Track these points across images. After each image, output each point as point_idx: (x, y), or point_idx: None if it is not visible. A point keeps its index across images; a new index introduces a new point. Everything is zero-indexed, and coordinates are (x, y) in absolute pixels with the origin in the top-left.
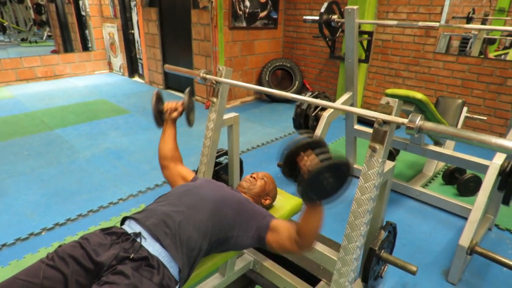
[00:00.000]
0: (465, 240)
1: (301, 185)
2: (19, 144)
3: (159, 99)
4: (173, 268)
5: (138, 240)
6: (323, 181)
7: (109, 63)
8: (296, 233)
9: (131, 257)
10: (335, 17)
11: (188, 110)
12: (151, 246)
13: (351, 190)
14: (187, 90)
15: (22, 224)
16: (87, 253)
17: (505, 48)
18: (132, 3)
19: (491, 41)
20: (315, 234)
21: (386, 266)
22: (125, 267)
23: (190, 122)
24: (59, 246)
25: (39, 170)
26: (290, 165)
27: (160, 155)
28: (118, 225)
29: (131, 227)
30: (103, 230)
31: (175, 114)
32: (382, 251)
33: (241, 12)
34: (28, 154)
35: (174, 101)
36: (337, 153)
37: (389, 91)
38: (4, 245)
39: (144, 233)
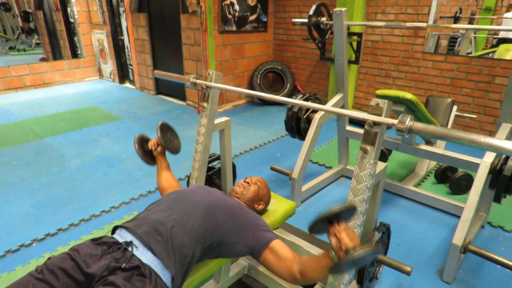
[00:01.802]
0: (458, 239)
1: (337, 265)
2: (8, 154)
3: (142, 143)
4: (165, 276)
5: (130, 249)
6: (356, 263)
7: (99, 70)
8: (299, 271)
9: (122, 266)
10: (324, 19)
11: (165, 144)
12: (143, 254)
13: (344, 191)
14: (158, 125)
15: (12, 235)
16: (77, 265)
17: (493, 46)
18: (121, 9)
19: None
20: (317, 280)
21: (381, 267)
22: (116, 277)
23: (173, 153)
24: (49, 259)
25: (28, 180)
26: (319, 229)
27: (160, 188)
28: (109, 234)
29: (122, 236)
30: (93, 240)
31: (159, 149)
32: None
33: (230, 16)
34: (17, 164)
35: (155, 138)
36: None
37: (379, 92)
38: None
39: (136, 242)
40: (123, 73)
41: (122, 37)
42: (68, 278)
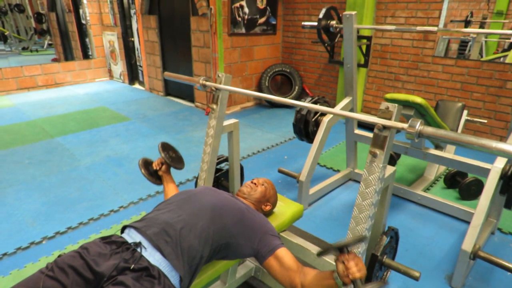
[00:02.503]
0: (468, 245)
1: None
2: (20, 152)
3: (146, 165)
4: (174, 278)
5: (138, 250)
6: None
7: (110, 71)
8: (301, 285)
9: (131, 267)
10: (333, 22)
11: (169, 163)
12: (151, 256)
13: (353, 195)
14: (159, 145)
15: (23, 233)
16: (87, 263)
17: (504, 50)
18: (132, 11)
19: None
20: None
21: (389, 272)
22: (125, 277)
23: (178, 169)
24: (59, 256)
25: (40, 178)
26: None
27: None
28: (118, 233)
29: (131, 236)
30: (102, 239)
31: (164, 168)
32: (385, 257)
33: (240, 19)
34: (29, 163)
35: (157, 159)
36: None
37: (388, 95)
38: (4, 254)
39: (145, 243)
40: (133, 74)
41: (132, 39)
42: (77, 276)
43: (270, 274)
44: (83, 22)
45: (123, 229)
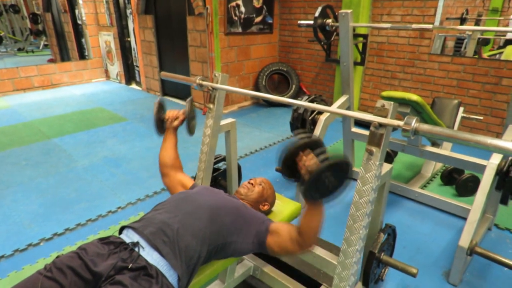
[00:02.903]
0: (464, 241)
1: (303, 185)
2: (17, 154)
3: (161, 108)
4: (172, 277)
5: (136, 249)
6: (324, 180)
7: (106, 71)
8: (298, 233)
9: (129, 267)
10: (329, 21)
11: (189, 119)
12: (149, 255)
13: (350, 193)
14: (189, 99)
15: (21, 234)
16: (85, 264)
17: (500, 47)
18: (128, 11)
19: (484, 42)
20: (317, 233)
21: (387, 269)
22: (123, 277)
23: (191, 131)
24: (57, 257)
25: (37, 179)
26: (289, 166)
27: (161, 163)
28: (116, 234)
29: (129, 237)
30: (101, 239)
31: (176, 122)
32: (382, 254)
33: (236, 18)
34: (26, 164)
35: (175, 109)
36: (335, 152)
37: (384, 93)
38: (2, 256)
39: (142, 242)
40: (130, 75)
41: (129, 39)
42: (76, 277)
43: (277, 253)
44: (79, 22)
45: (121, 230)
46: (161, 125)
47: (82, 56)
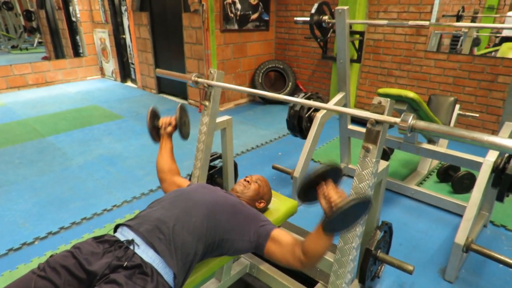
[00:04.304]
0: (460, 238)
1: (327, 218)
2: (11, 152)
3: (154, 116)
4: (167, 275)
5: (131, 247)
6: (348, 218)
7: (101, 69)
8: (302, 252)
9: (124, 265)
10: (326, 18)
11: (180, 125)
12: (144, 253)
13: (346, 190)
14: (179, 105)
15: (15, 233)
16: (79, 263)
17: (495, 45)
18: (123, 8)
19: (476, 43)
20: (322, 256)
21: (383, 266)
22: (118, 275)
23: (184, 137)
24: (51, 256)
25: (31, 178)
26: (306, 191)
27: (158, 169)
28: (111, 232)
29: (123, 235)
30: (95, 238)
31: (169, 129)
32: (379, 251)
33: (232, 15)
34: (20, 163)
35: (168, 116)
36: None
37: (381, 90)
38: None
39: (138, 240)
40: (125, 72)
41: (124, 36)
42: (70, 276)
43: (275, 260)
44: (73, 19)
45: (116, 228)
46: (155, 133)
47: (76, 53)
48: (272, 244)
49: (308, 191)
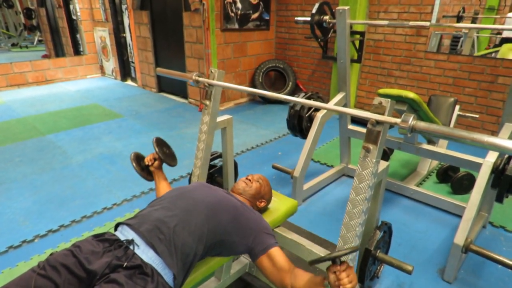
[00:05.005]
0: (459, 238)
1: None
2: (11, 150)
3: (138, 159)
4: (167, 275)
5: (131, 247)
6: None
7: (101, 67)
8: (291, 285)
9: (124, 265)
10: (326, 17)
11: (164, 158)
12: (144, 253)
13: (346, 190)
14: (154, 140)
15: (15, 231)
16: (79, 262)
17: (496, 46)
18: (123, 6)
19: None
20: None
21: (382, 266)
22: (118, 275)
23: (172, 165)
24: (51, 255)
25: (31, 176)
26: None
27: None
28: (112, 231)
29: (124, 234)
30: (95, 236)
31: (156, 163)
32: (378, 251)
33: (233, 14)
34: (20, 161)
35: (151, 154)
36: None
37: (381, 91)
38: None
39: (138, 240)
40: (125, 71)
41: (124, 35)
42: (70, 275)
43: (261, 272)
44: (74, 17)
45: (116, 227)
46: (146, 173)
47: (77, 51)
48: (267, 259)
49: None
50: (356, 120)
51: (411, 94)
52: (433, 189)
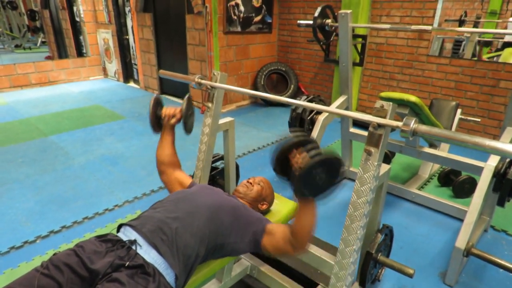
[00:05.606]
0: (461, 242)
1: (294, 181)
2: (13, 151)
3: (157, 104)
4: (169, 276)
5: (134, 247)
6: (315, 176)
7: (104, 69)
8: (290, 233)
9: (126, 265)
10: (329, 21)
11: (186, 117)
12: (146, 253)
13: (348, 193)
14: (187, 96)
15: (16, 232)
16: (82, 261)
17: (498, 50)
18: (127, 9)
19: (486, 43)
20: (309, 234)
21: (383, 269)
22: (120, 274)
23: (188, 129)
24: (54, 254)
25: (33, 177)
26: (282, 163)
27: (158, 160)
28: (114, 232)
29: (126, 235)
30: (98, 237)
31: (173, 120)
32: (379, 254)
33: (235, 17)
34: (23, 161)
35: (172, 107)
36: (329, 149)
37: (383, 94)
38: None
39: (140, 240)
40: (128, 73)
41: (127, 37)
42: (72, 274)
43: (270, 252)
44: (77, 19)
45: (118, 228)
46: (157, 122)
47: (80, 53)
48: (267, 237)
49: (285, 164)
50: (358, 123)
51: (413, 98)
52: (434, 192)
